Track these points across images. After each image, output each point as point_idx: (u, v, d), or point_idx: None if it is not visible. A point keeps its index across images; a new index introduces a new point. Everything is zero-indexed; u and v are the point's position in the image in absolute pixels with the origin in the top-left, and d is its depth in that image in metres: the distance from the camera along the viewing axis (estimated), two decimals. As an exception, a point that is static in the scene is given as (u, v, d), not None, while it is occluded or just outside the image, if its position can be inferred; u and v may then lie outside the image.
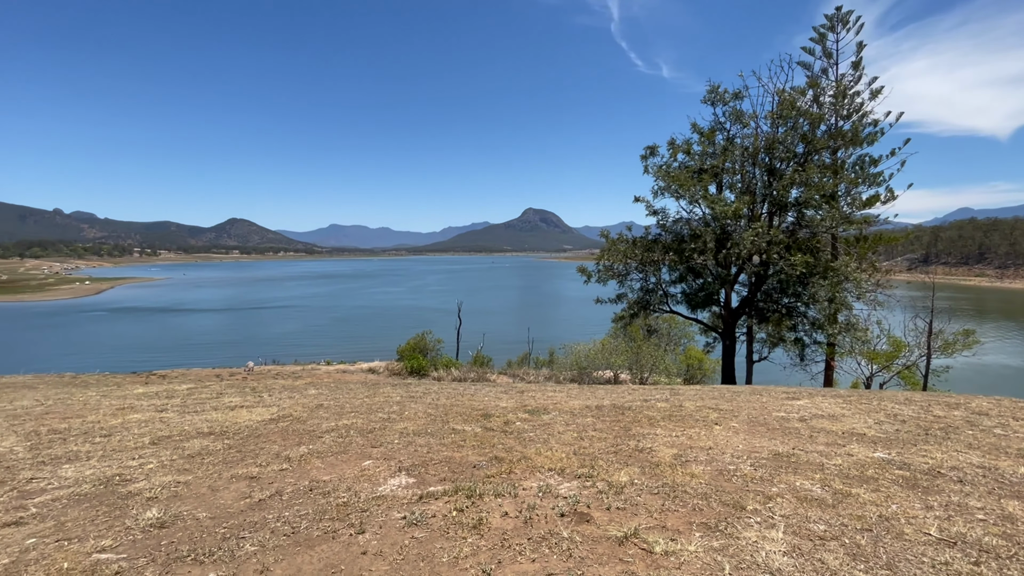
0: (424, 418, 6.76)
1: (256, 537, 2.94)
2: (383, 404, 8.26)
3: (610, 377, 28.63)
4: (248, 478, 4.09)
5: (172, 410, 8.08)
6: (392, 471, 4.17)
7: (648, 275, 20.52)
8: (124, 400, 9.56)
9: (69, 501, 3.77)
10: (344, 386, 13.22)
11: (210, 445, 5.34)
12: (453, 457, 4.59)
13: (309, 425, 6.32)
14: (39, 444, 5.67)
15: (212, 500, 3.62)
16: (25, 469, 4.61)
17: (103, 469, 4.53)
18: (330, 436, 5.54)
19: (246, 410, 7.88)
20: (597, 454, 4.66)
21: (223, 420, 6.92)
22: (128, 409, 8.27)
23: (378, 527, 3.04)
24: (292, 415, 7.17)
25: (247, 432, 5.98)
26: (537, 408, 7.52)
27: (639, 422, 6.21)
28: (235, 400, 9.17)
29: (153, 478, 4.21)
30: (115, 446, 5.48)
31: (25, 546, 2.97)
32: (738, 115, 18.78)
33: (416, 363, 32.34)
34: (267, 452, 4.92)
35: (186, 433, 6.02)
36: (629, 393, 9.86)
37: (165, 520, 3.23)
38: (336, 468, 4.31)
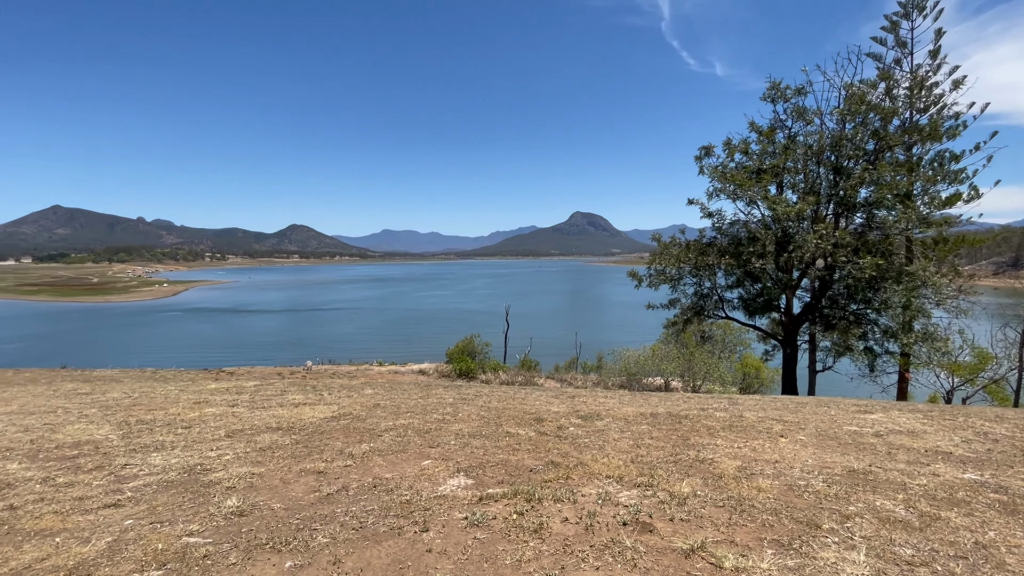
0: (477, 420, 6.84)
1: (327, 529, 3.07)
2: (437, 405, 8.42)
3: (660, 384, 27.90)
4: (316, 473, 4.29)
5: (242, 405, 8.59)
6: (451, 472, 4.24)
7: (702, 280, 19.86)
8: (199, 395, 10.26)
9: (158, 487, 4.08)
10: (398, 387, 13.60)
11: (279, 440, 5.64)
12: (509, 460, 4.62)
13: (368, 424, 6.55)
14: (130, 433, 6.18)
15: (284, 492, 3.82)
16: (119, 456, 5.04)
17: (186, 458, 4.88)
18: (389, 435, 5.72)
19: (309, 407, 8.26)
20: (655, 463, 4.55)
21: (289, 416, 7.29)
22: (204, 403, 8.87)
23: (441, 526, 3.11)
24: (352, 413, 7.44)
25: (311, 428, 6.27)
26: (590, 414, 7.44)
27: (697, 432, 6.02)
28: (298, 398, 9.63)
29: (230, 468, 4.49)
30: (195, 437, 5.89)
31: (124, 526, 3.24)
32: (801, 112, 17.89)
33: (465, 366, 32.77)
34: (331, 448, 5.14)
35: (256, 428, 6.38)
36: (684, 401, 9.57)
37: (244, 509, 3.43)
38: (397, 466, 4.44)
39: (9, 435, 6.19)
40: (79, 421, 7.11)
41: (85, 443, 5.67)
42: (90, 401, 9.51)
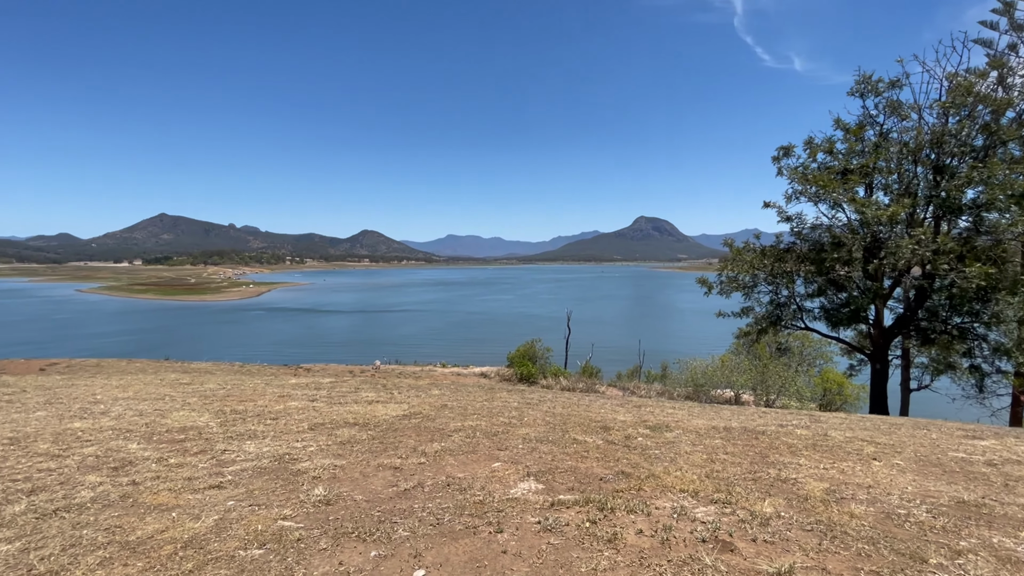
0: (543, 425, 6.86)
1: (407, 523, 3.21)
2: (502, 409, 8.53)
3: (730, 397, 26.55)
4: (392, 468, 4.49)
5: (321, 400, 9.13)
6: (520, 475, 4.29)
7: (779, 287, 18.72)
8: (283, 389, 11.02)
9: (253, 472, 4.44)
10: (463, 388, 13.90)
11: (356, 435, 5.95)
12: (578, 467, 4.60)
13: (438, 423, 6.75)
14: (226, 421, 6.76)
15: (365, 485, 4.03)
16: (219, 442, 5.53)
17: (275, 447, 5.27)
18: (459, 435, 5.87)
19: (381, 405, 8.64)
20: (733, 479, 4.35)
21: (364, 413, 7.67)
22: (287, 397, 9.51)
23: (515, 528, 3.15)
24: (421, 413, 7.70)
25: (385, 425, 6.56)
26: (658, 425, 7.24)
27: (777, 449, 5.68)
28: (370, 395, 10.10)
29: (315, 459, 4.80)
30: (282, 428, 6.34)
31: (227, 507, 3.56)
32: (895, 106, 16.45)
33: (526, 370, 32.87)
34: (405, 446, 5.35)
35: (335, 422, 6.77)
36: (759, 416, 9.07)
37: (330, 498, 3.66)
38: (468, 467, 4.55)
39: (127, 418, 6.96)
40: (183, 408, 7.87)
41: (190, 428, 6.27)
42: (191, 391, 10.48)
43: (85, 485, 4.01)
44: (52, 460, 4.74)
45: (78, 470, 4.44)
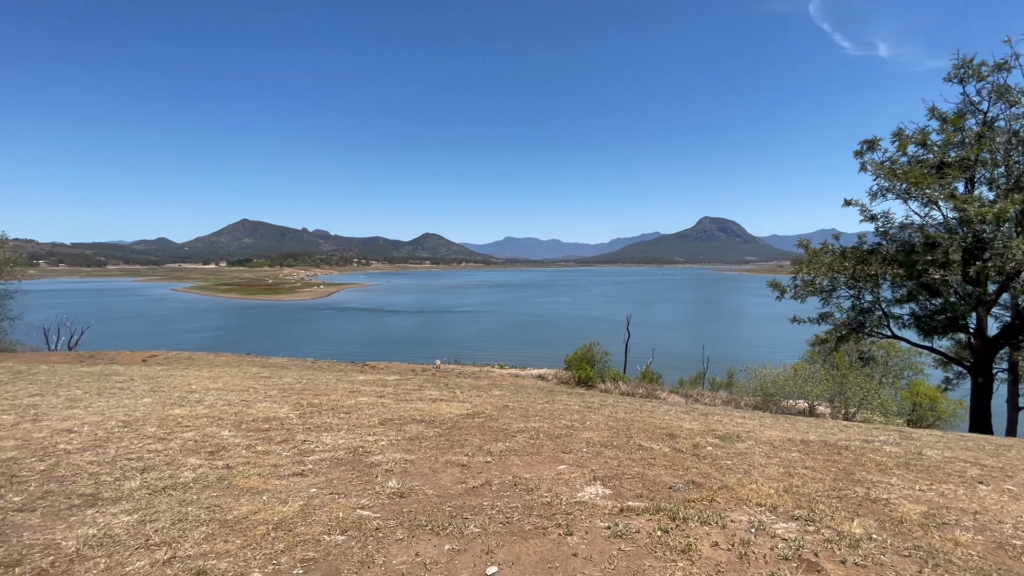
0: (606, 430, 6.77)
1: (477, 520, 3.29)
2: (563, 412, 8.50)
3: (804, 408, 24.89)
4: (459, 465, 4.60)
5: (388, 397, 9.51)
6: (587, 479, 4.26)
7: (862, 292, 17.36)
8: (352, 385, 11.57)
9: (331, 463, 4.71)
10: (522, 390, 13.97)
11: (423, 431, 6.15)
12: (645, 474, 4.50)
13: (501, 423, 6.84)
14: (304, 414, 7.21)
15: (435, 480, 4.16)
16: (299, 432, 5.90)
17: (350, 440, 5.55)
18: (522, 436, 5.92)
19: (445, 403, 8.87)
20: (815, 496, 4.09)
21: (429, 410, 7.90)
22: (357, 393, 9.98)
23: (584, 532, 3.14)
24: (484, 412, 7.83)
25: (450, 423, 6.73)
26: (728, 434, 6.93)
27: (863, 466, 5.28)
28: (434, 393, 10.38)
29: (386, 453, 5.01)
30: (354, 422, 6.67)
31: (310, 493, 3.80)
32: (1003, 92, 14.80)
33: (584, 373, 32.52)
34: (471, 444, 5.47)
35: (403, 418, 7.03)
36: (840, 430, 8.46)
37: (403, 491, 3.81)
38: (533, 468, 4.58)
39: (218, 407, 7.58)
40: (265, 400, 8.46)
41: (272, 419, 6.73)
42: (271, 384, 11.24)
43: (187, 467, 4.42)
44: (159, 442, 5.25)
45: (180, 453, 4.90)
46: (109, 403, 7.50)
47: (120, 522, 3.17)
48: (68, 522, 3.19)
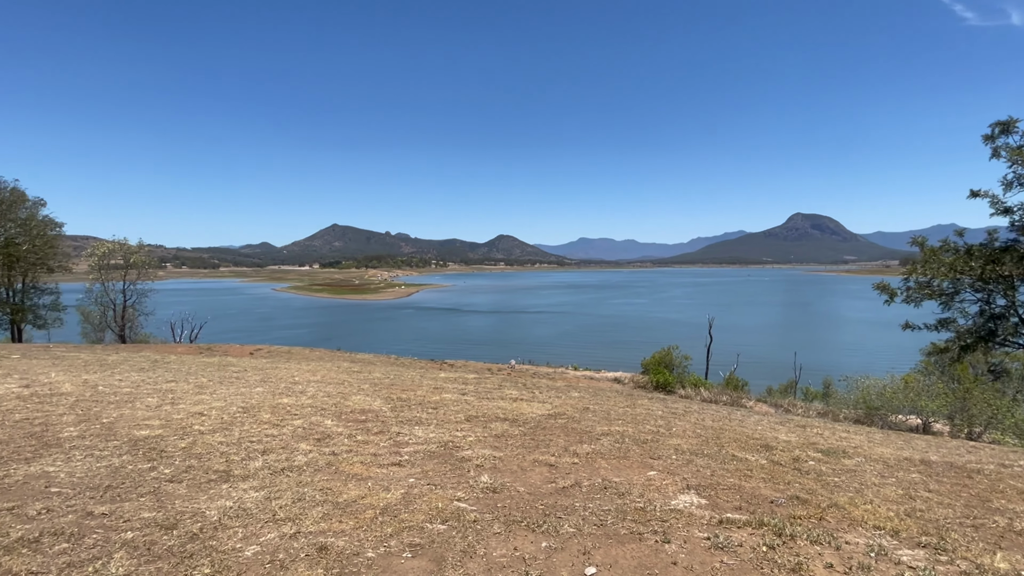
0: (694, 438, 6.52)
1: (571, 520, 3.31)
2: (646, 417, 8.29)
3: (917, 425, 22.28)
4: (547, 465, 4.65)
5: (471, 395, 9.79)
6: (679, 487, 4.14)
7: (993, 296, 15.27)
8: (435, 382, 12.04)
9: (424, 455, 4.95)
10: (601, 393, 13.79)
11: (508, 429, 6.27)
12: (743, 486, 4.29)
13: (583, 425, 6.81)
14: (396, 408, 7.62)
15: (524, 478, 4.24)
16: (393, 425, 6.26)
17: (440, 434, 5.80)
18: (607, 440, 5.86)
19: (525, 403, 8.98)
20: (944, 522, 3.68)
21: (511, 409, 8.04)
22: (440, 389, 10.38)
23: (682, 541, 3.06)
24: (565, 414, 7.83)
25: (533, 423, 6.81)
26: (832, 449, 6.41)
27: (1002, 494, 4.66)
28: (513, 393, 10.54)
29: (475, 449, 5.18)
30: (442, 418, 6.95)
31: (409, 483, 4.03)
32: None
33: (662, 378, 31.42)
34: (556, 444, 5.50)
35: (488, 416, 7.21)
36: (968, 452, 7.52)
37: (496, 487, 3.93)
38: (622, 472, 4.52)
39: (319, 398, 8.22)
40: (359, 393, 9.04)
41: (368, 411, 7.19)
42: (362, 379, 11.98)
43: (300, 451, 4.85)
44: (273, 428, 5.80)
45: (292, 438, 5.38)
46: (229, 391, 8.39)
47: (250, 497, 3.55)
48: (208, 494, 3.63)
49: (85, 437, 4.90)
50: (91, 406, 6.35)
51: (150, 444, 4.80)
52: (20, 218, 27.25)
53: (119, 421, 5.62)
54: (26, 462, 4.08)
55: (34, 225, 27.86)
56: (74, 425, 5.31)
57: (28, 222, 27.54)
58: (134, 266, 34.01)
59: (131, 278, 33.81)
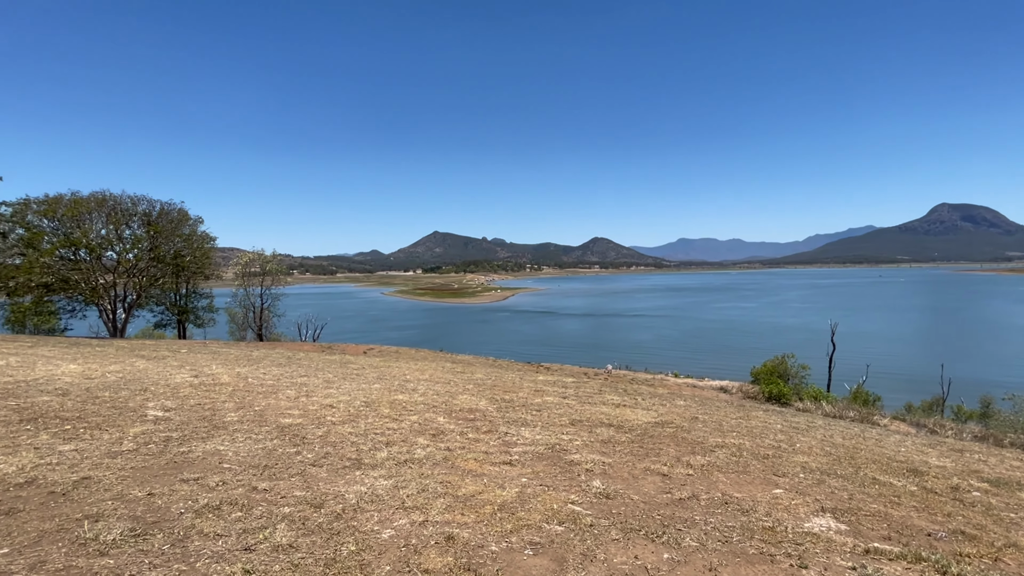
0: (823, 456, 5.93)
1: (692, 534, 3.19)
2: (763, 430, 7.70)
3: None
4: (659, 474, 4.51)
5: (571, 398, 9.78)
6: (812, 508, 3.79)
7: None
8: (535, 384, 12.19)
9: (533, 456, 5.04)
10: (708, 402, 13.04)
11: (615, 435, 6.18)
12: (890, 514, 3.82)
13: (694, 436, 6.49)
14: (500, 408, 7.85)
15: (636, 486, 4.15)
16: (501, 425, 6.45)
17: (546, 437, 5.87)
18: (722, 452, 5.53)
19: (628, 409, 8.77)
20: None
21: (614, 415, 7.91)
22: (541, 392, 10.49)
23: (822, 568, 2.81)
24: (673, 422, 7.52)
25: (640, 430, 6.63)
26: (1001, 479, 5.48)
27: None
28: (614, 398, 10.34)
29: (583, 453, 5.18)
30: (546, 420, 7.03)
31: (522, 483, 4.13)
32: None
33: (776, 388, 28.93)
34: (666, 454, 5.32)
35: (591, 420, 7.16)
36: None
37: (609, 493, 3.90)
38: (743, 487, 4.25)
39: (430, 396, 8.71)
40: (464, 393, 9.43)
41: (475, 410, 7.49)
42: (465, 379, 12.48)
43: (418, 445, 5.19)
44: (393, 422, 6.27)
45: (410, 432, 5.77)
46: (352, 386, 9.20)
47: (381, 485, 3.88)
48: (345, 479, 4.02)
49: (243, 422, 5.66)
50: (244, 395, 7.32)
51: (293, 431, 5.42)
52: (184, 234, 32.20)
53: (267, 410, 6.42)
54: (202, 440, 4.82)
55: (195, 239, 32.78)
56: (234, 411, 6.17)
57: (191, 237, 32.48)
58: (269, 273, 38.65)
59: (267, 284, 38.45)
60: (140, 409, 5.87)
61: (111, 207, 28.95)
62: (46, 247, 27.03)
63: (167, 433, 4.96)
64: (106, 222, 28.93)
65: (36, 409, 5.45)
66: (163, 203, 31.39)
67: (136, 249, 29.65)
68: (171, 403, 6.35)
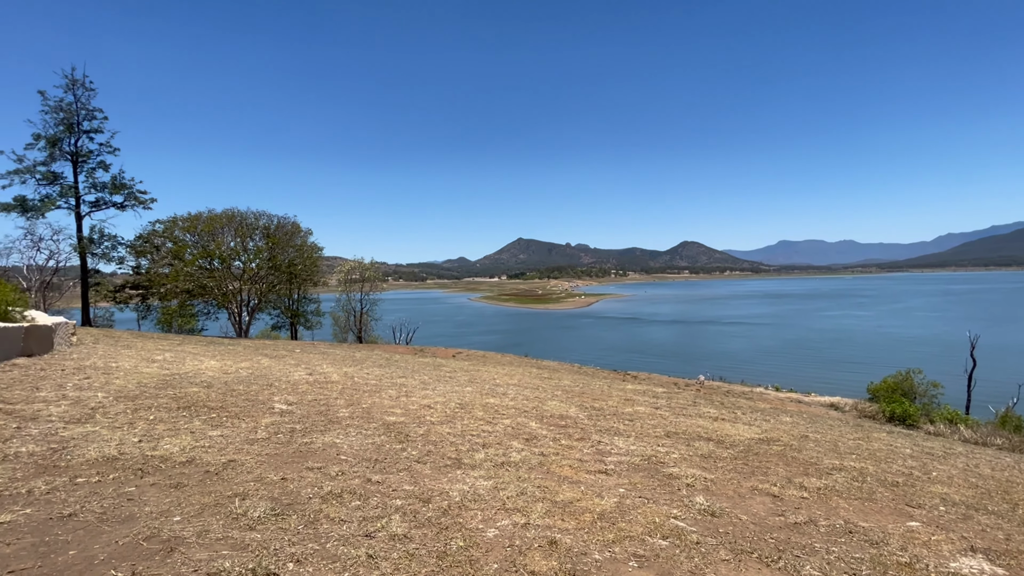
0: (967, 487, 5.19)
1: (813, 562, 2.96)
2: (888, 454, 6.90)
3: None
4: (769, 495, 4.22)
5: (664, 409, 9.43)
6: (958, 547, 3.35)
7: None
8: (624, 393, 11.90)
9: (629, 467, 4.94)
10: (819, 420, 11.94)
11: (715, 450, 5.87)
12: (1062, 562, 3.26)
13: (806, 456, 5.99)
14: (591, 416, 7.78)
15: (744, 506, 3.92)
16: (593, 433, 6.40)
17: (641, 447, 5.73)
18: (841, 476, 5.05)
19: (728, 424, 8.28)
20: None
21: (712, 429, 7.51)
22: (632, 401, 10.22)
23: (976, 615, 2.48)
24: (780, 440, 6.99)
25: (743, 447, 6.24)
26: None
27: None
28: (712, 412, 9.81)
29: (681, 467, 4.98)
30: (640, 431, 6.85)
31: (619, 493, 4.08)
32: None
33: (899, 408, 25.75)
34: (775, 474, 4.96)
35: (688, 434, 6.86)
36: None
37: (714, 510, 3.73)
38: (869, 516, 3.85)
39: (519, 401, 8.85)
40: (553, 399, 9.46)
41: (565, 417, 7.49)
42: (552, 385, 12.51)
43: (513, 449, 5.30)
44: (487, 424, 6.46)
45: (504, 435, 5.91)
46: (446, 388, 9.61)
47: (481, 485, 4.03)
48: (448, 477, 4.22)
49: (353, 418, 6.14)
50: (352, 393, 7.94)
51: (398, 429, 5.78)
52: (296, 244, 35.63)
53: (373, 408, 6.90)
54: (321, 433, 5.30)
55: (305, 249, 36.16)
56: (345, 408, 6.72)
57: (302, 247, 35.87)
58: (367, 280, 41.56)
59: (365, 290, 41.36)
60: (268, 402, 6.59)
61: (238, 222, 32.83)
62: (188, 258, 31.26)
63: (291, 425, 5.53)
64: (234, 235, 32.85)
65: (188, 399, 6.33)
66: (280, 217, 35.01)
67: (258, 259, 33.32)
68: (292, 398, 7.06)
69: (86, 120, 26.45)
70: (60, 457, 3.85)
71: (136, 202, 28.20)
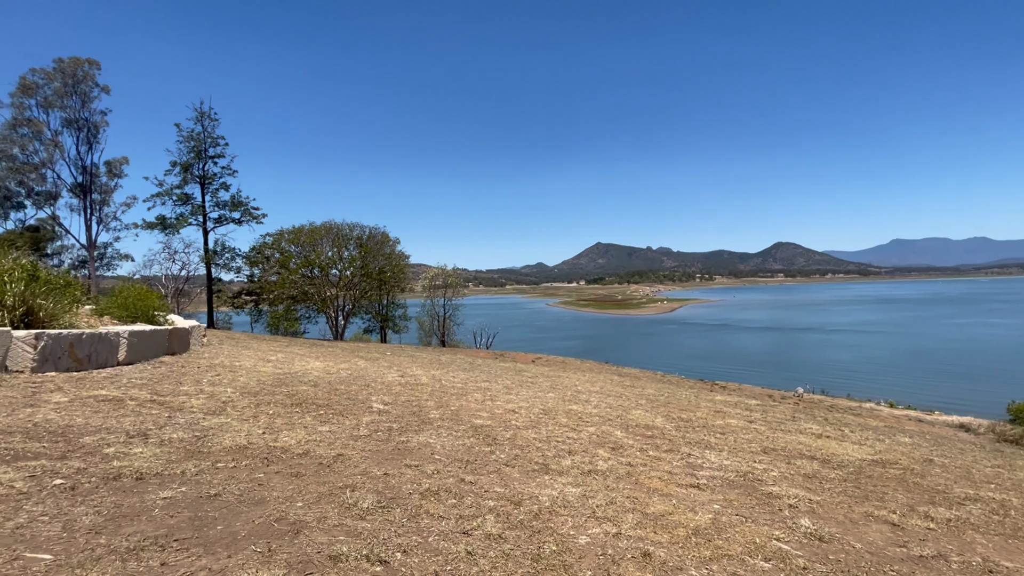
0: None
1: (943, 601, 2.68)
2: (1039, 486, 5.97)
3: None
4: (888, 523, 3.85)
5: (759, 423, 8.86)
6: None
7: None
8: (713, 404, 11.33)
9: (723, 483, 4.73)
10: (945, 441, 10.60)
11: (820, 470, 5.45)
12: None
13: (931, 482, 5.37)
14: (678, 427, 7.52)
15: (857, 533, 3.62)
16: (682, 445, 6.19)
17: (736, 463, 5.46)
18: (976, 507, 4.47)
19: (834, 442, 7.62)
20: None
21: (816, 446, 6.95)
22: (722, 413, 9.71)
23: None
24: (899, 463, 6.31)
25: (853, 468, 5.73)
26: None
27: None
28: (814, 428, 9.07)
29: (782, 486, 4.68)
30: (733, 445, 6.52)
31: (714, 509, 3.93)
32: None
33: (1053, 433, 22.07)
34: (894, 500, 4.50)
35: (788, 451, 6.41)
36: None
37: (822, 535, 3.48)
38: (1014, 556, 3.39)
39: (603, 409, 8.75)
40: (637, 408, 9.25)
41: (652, 427, 7.31)
42: (636, 393, 12.21)
43: (600, 457, 5.28)
44: (572, 431, 6.48)
45: (590, 443, 5.90)
46: (528, 393, 9.75)
47: (570, 492, 4.07)
48: (536, 481, 4.31)
49: (444, 419, 6.44)
50: (441, 396, 8.31)
51: (485, 431, 5.98)
52: (385, 253, 37.90)
53: (461, 410, 7.19)
54: (415, 432, 5.63)
55: (393, 257, 38.37)
56: (435, 409, 7.06)
57: (391, 256, 38.12)
58: (450, 286, 43.16)
59: (448, 295, 42.95)
60: (367, 402, 7.10)
61: (335, 233, 35.59)
62: (292, 267, 34.39)
63: (389, 424, 5.92)
64: (331, 245, 35.64)
65: (299, 396, 6.99)
66: (371, 228, 37.47)
67: (352, 267, 35.88)
68: (387, 398, 7.54)
69: (211, 147, 30.17)
70: (203, 444, 4.44)
71: (251, 217, 31.65)
